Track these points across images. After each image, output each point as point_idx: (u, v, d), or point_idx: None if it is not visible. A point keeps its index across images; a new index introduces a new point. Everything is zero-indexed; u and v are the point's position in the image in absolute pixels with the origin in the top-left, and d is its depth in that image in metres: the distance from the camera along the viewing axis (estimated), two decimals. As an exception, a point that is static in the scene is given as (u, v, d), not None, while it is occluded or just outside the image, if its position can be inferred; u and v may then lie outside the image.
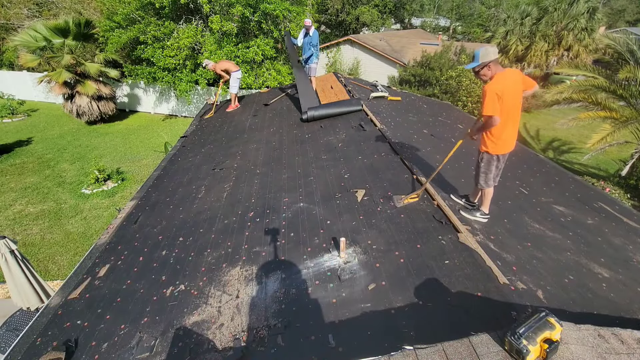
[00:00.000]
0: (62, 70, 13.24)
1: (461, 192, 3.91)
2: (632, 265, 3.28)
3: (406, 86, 15.99)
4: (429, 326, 2.28)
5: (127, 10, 12.96)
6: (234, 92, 8.41)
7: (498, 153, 3.22)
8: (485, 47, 3.01)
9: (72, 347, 2.63)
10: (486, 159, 3.28)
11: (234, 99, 8.56)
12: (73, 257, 7.07)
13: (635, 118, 8.66)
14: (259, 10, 12.50)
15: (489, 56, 2.93)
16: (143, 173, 10.59)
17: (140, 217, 4.41)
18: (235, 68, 8.22)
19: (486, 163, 3.29)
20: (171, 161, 6.10)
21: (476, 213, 3.46)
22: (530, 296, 2.53)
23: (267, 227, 3.65)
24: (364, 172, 4.39)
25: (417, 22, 41.38)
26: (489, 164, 3.28)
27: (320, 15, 26.82)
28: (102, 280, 3.36)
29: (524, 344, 1.68)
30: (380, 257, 2.97)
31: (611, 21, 40.04)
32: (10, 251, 4.19)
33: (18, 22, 18.22)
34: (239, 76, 8.28)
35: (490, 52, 2.94)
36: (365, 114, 6.30)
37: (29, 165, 11.08)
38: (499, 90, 2.87)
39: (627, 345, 1.77)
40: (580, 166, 12.02)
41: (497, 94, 2.87)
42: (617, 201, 4.75)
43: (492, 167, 3.29)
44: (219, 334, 2.52)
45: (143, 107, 17.18)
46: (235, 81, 8.22)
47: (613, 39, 10.09)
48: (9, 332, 4.38)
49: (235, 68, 8.22)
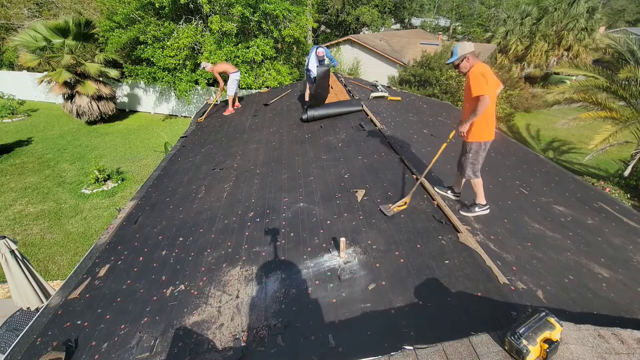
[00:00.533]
0: (62, 70, 13.23)
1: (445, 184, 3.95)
2: (632, 265, 3.28)
3: (406, 86, 15.99)
4: (429, 326, 2.28)
5: (127, 10, 12.96)
6: (231, 94, 8.18)
7: (488, 139, 3.29)
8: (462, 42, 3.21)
9: (72, 347, 2.63)
10: (475, 149, 3.32)
11: (231, 102, 8.30)
12: (73, 257, 7.06)
13: (635, 118, 8.67)
14: (259, 10, 12.49)
15: (465, 49, 3.13)
16: (143, 173, 10.59)
17: (140, 217, 4.41)
18: (234, 69, 8.01)
19: (474, 153, 3.34)
20: (171, 161, 6.10)
21: (474, 209, 3.47)
22: (530, 296, 2.53)
23: (267, 227, 3.65)
24: (364, 172, 4.39)
25: (417, 22, 41.36)
26: (477, 154, 3.34)
27: (320, 15, 26.81)
28: (102, 280, 3.36)
29: (524, 344, 1.68)
30: (380, 257, 2.97)
31: (611, 21, 40.04)
32: (10, 251, 4.19)
33: (18, 22, 18.22)
34: (237, 77, 8.05)
35: (467, 45, 3.16)
36: (365, 114, 6.30)
37: (29, 165, 11.08)
38: (482, 71, 3.03)
39: (627, 345, 1.77)
40: (581, 166, 12.02)
41: (482, 74, 3.01)
42: (617, 201, 4.75)
43: (480, 156, 3.35)
44: (219, 334, 2.52)
45: (143, 107, 17.17)
46: (233, 83, 8.01)
47: (613, 39, 10.09)
48: (9, 332, 4.38)
49: (234, 69, 8.01)
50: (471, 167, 3.40)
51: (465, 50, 3.13)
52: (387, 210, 3.49)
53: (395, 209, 3.49)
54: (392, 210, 3.48)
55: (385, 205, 3.59)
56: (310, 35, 22.02)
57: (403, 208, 3.51)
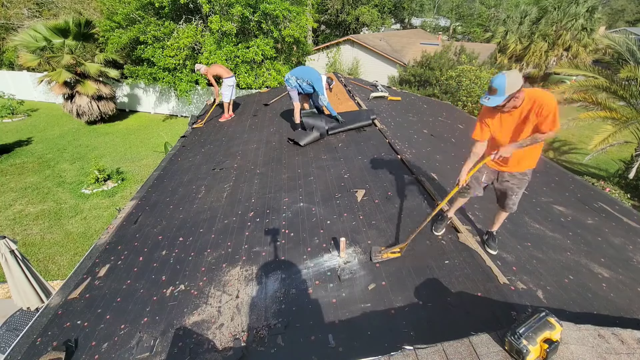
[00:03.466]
0: (62, 70, 13.23)
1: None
2: (632, 265, 3.28)
3: (406, 86, 16.00)
4: (429, 326, 2.28)
5: (127, 10, 12.95)
6: (226, 101, 7.71)
7: None
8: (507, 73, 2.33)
9: (72, 347, 2.63)
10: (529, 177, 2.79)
11: (227, 108, 7.82)
12: (73, 257, 7.06)
13: (635, 118, 8.66)
14: (259, 10, 12.49)
15: (515, 85, 2.30)
16: (143, 173, 10.59)
17: (140, 217, 4.41)
18: (228, 74, 7.49)
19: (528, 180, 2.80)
20: (171, 161, 6.10)
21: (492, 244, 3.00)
22: (530, 296, 2.53)
23: (267, 227, 3.65)
24: (364, 172, 4.39)
25: (417, 22, 41.36)
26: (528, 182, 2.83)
27: (320, 15, 26.82)
28: (102, 280, 3.36)
29: (524, 344, 1.68)
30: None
31: (611, 21, 40.05)
32: (10, 251, 4.18)
33: (18, 22, 18.22)
34: (231, 83, 7.52)
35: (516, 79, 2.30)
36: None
37: (29, 165, 11.08)
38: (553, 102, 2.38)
39: (627, 345, 1.77)
40: (581, 166, 12.01)
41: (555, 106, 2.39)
42: (617, 201, 4.75)
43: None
44: (219, 334, 2.52)
45: (143, 107, 17.17)
46: (227, 89, 7.53)
47: (612, 39, 10.09)
48: (9, 332, 4.38)
49: (228, 74, 7.49)
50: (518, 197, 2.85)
51: (515, 88, 2.30)
52: (375, 255, 2.93)
53: (386, 255, 2.92)
54: (381, 256, 2.92)
55: (376, 247, 3.04)
56: (310, 35, 22.03)
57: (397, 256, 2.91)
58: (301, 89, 5.80)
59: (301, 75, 5.68)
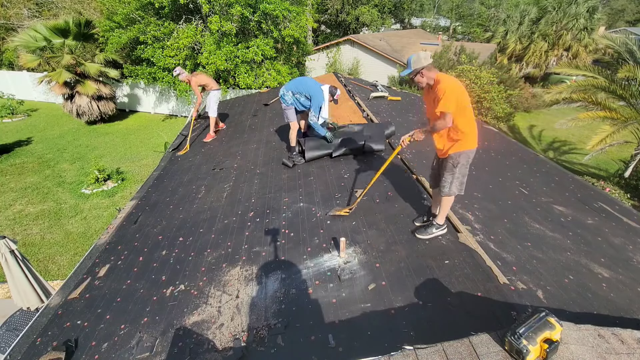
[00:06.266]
0: (62, 70, 13.23)
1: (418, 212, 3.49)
2: (632, 265, 3.28)
3: (406, 86, 15.99)
4: (429, 326, 2.28)
5: (127, 10, 12.95)
6: (213, 116, 6.72)
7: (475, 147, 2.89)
8: (418, 53, 2.79)
9: (72, 347, 2.63)
10: (464, 160, 2.89)
11: (213, 124, 6.79)
12: (73, 257, 7.06)
13: (634, 118, 8.67)
14: (259, 10, 12.48)
15: (420, 62, 2.73)
16: (143, 173, 10.59)
17: (140, 217, 4.41)
18: (216, 86, 6.65)
19: (464, 164, 2.91)
20: (171, 161, 6.10)
21: (432, 229, 3.08)
22: (530, 296, 2.54)
23: (267, 227, 3.65)
24: (364, 172, 4.39)
25: (417, 22, 41.37)
26: (467, 165, 2.92)
27: (320, 15, 26.80)
28: (102, 280, 3.36)
29: (524, 344, 1.68)
30: (380, 257, 2.97)
31: (611, 21, 40.04)
32: (10, 251, 4.18)
33: (18, 22, 18.21)
34: (218, 96, 6.73)
35: (422, 58, 2.74)
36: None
37: (29, 165, 11.07)
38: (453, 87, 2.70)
39: (627, 345, 1.77)
40: (581, 166, 12.01)
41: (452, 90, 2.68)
42: (617, 201, 4.75)
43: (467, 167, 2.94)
44: (219, 334, 2.52)
45: (143, 107, 17.17)
46: (214, 103, 6.64)
47: (611, 39, 10.09)
48: (9, 332, 4.38)
49: (216, 86, 6.65)
50: (458, 182, 2.93)
51: (420, 64, 2.73)
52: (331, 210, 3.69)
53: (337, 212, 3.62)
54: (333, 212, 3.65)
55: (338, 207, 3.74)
56: (310, 35, 22.02)
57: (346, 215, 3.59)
58: (299, 104, 4.92)
59: (298, 89, 4.85)
